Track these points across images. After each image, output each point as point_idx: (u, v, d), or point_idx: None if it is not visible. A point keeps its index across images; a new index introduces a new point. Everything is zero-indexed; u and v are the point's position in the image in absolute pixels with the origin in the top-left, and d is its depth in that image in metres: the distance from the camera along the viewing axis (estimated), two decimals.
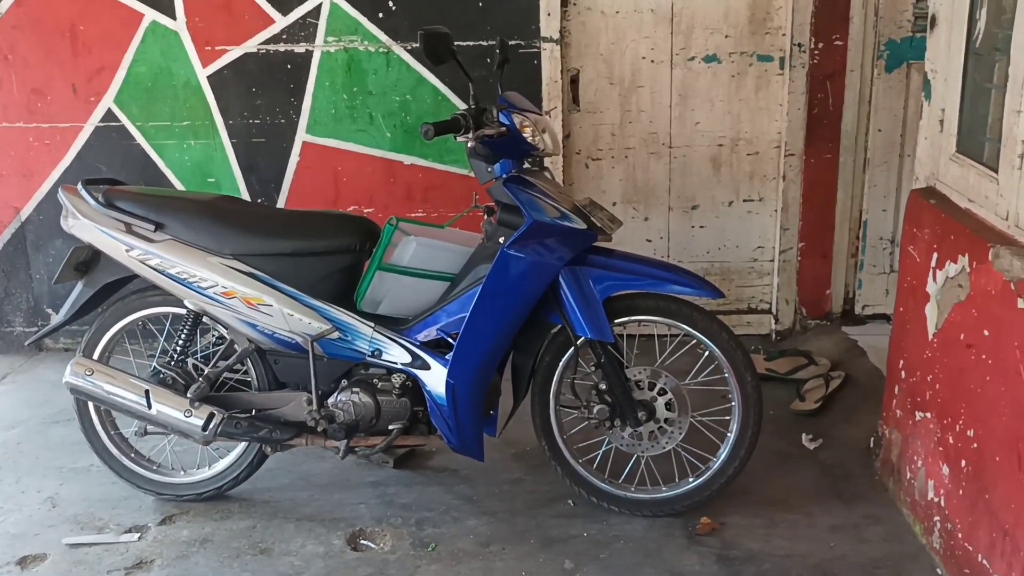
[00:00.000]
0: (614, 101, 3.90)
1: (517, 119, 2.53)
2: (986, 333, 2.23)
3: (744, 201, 3.99)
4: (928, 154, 2.76)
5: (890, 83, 3.80)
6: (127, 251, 2.70)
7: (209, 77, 3.88)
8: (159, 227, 2.70)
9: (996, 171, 2.30)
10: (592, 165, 3.99)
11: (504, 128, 2.50)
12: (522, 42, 3.78)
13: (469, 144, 2.52)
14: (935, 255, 2.55)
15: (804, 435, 3.20)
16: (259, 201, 3.99)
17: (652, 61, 3.85)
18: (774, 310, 4.06)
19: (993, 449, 2.20)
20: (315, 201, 3.98)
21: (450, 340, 2.63)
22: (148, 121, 3.94)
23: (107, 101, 3.92)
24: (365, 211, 3.98)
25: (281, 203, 4.02)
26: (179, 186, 4.00)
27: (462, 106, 3.78)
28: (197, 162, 3.98)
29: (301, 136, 3.94)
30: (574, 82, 3.87)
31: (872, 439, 3.04)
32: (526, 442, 3.13)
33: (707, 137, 3.92)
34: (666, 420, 2.71)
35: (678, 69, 3.85)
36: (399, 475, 3.06)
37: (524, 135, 2.54)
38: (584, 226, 2.56)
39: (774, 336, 4.07)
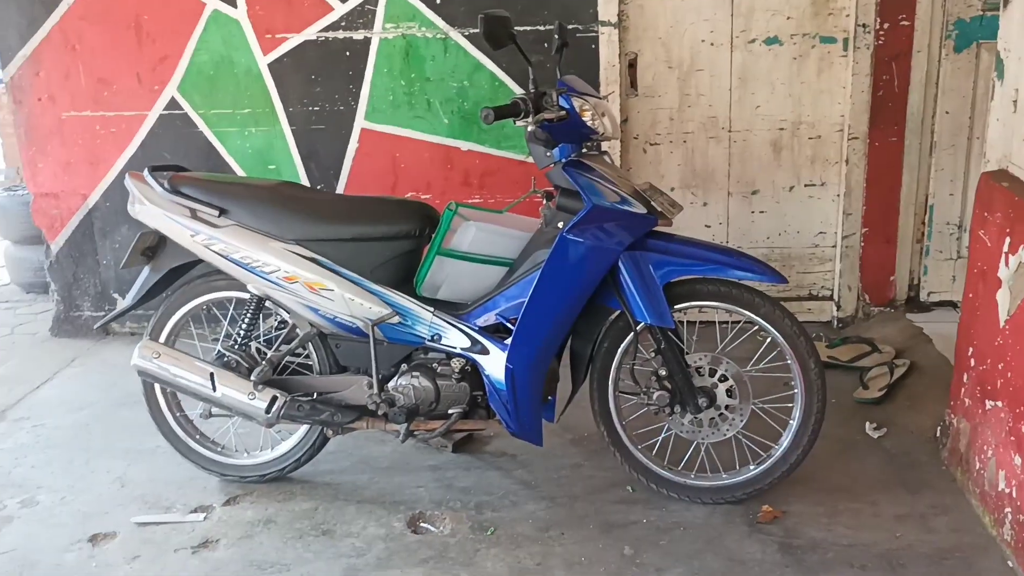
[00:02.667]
0: (673, 85, 3.86)
1: (577, 102, 2.51)
2: None
3: (805, 186, 3.92)
4: (1000, 136, 2.68)
5: (959, 64, 3.70)
6: (192, 236, 2.75)
7: (269, 65, 3.93)
8: (223, 212, 2.74)
9: None
10: (650, 150, 3.95)
11: (564, 112, 2.49)
12: (580, 26, 3.75)
13: (528, 128, 2.51)
14: (1007, 239, 2.48)
15: (868, 423, 3.14)
16: (319, 188, 4.04)
17: (711, 44, 3.80)
18: (836, 297, 3.99)
19: None
20: (373, 187, 4.01)
21: (509, 325, 2.63)
22: (210, 109, 4.01)
23: (171, 89, 3.99)
24: (423, 197, 4.00)
25: (340, 189, 4.06)
26: (240, 173, 4.07)
27: (519, 91, 3.76)
28: (258, 149, 4.04)
29: (360, 123, 3.97)
30: (632, 66, 3.84)
31: (939, 428, 2.98)
32: (584, 428, 3.13)
33: (767, 121, 3.86)
34: (727, 407, 2.68)
35: (738, 52, 3.80)
36: (458, 459, 3.08)
37: (584, 119, 2.52)
38: (644, 210, 2.53)
39: (836, 323, 4.00)
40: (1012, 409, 2.44)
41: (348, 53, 3.88)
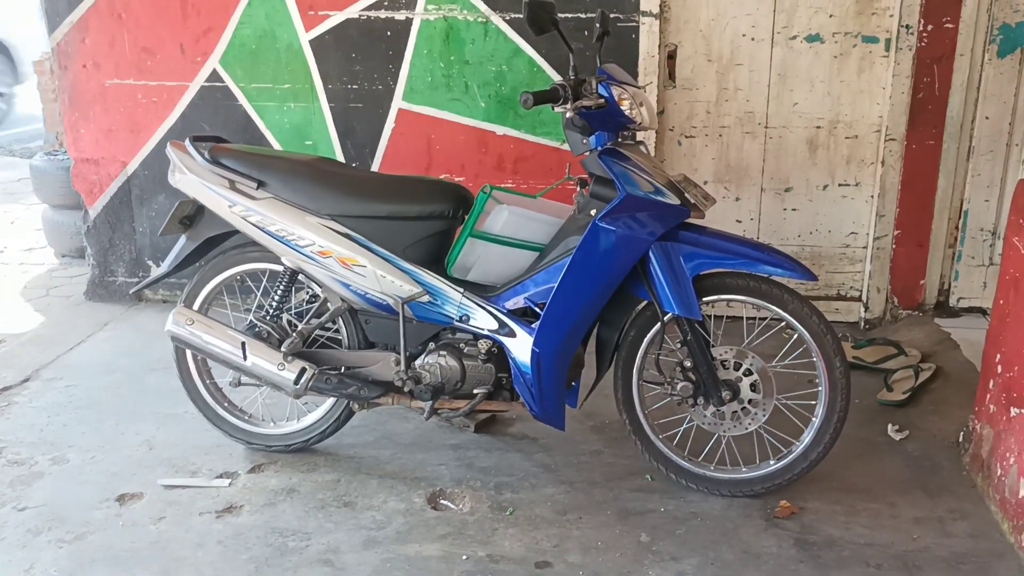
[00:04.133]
0: (711, 78, 3.86)
1: (616, 91, 2.52)
2: None
3: (840, 185, 3.91)
4: None
5: (1002, 69, 3.67)
6: (230, 207, 2.79)
7: (311, 41, 3.96)
8: (261, 185, 2.78)
9: None
10: (685, 142, 3.95)
11: (602, 100, 2.50)
12: (620, 15, 3.76)
13: (567, 115, 2.52)
14: None
15: (890, 425, 3.14)
16: (354, 165, 4.07)
17: (752, 39, 3.79)
18: (864, 298, 3.98)
19: None
20: (408, 167, 4.05)
21: (537, 309, 2.66)
22: (251, 83, 4.05)
23: (212, 62, 4.04)
24: (456, 180, 4.03)
25: (375, 168, 4.09)
26: (278, 147, 4.11)
27: (557, 78, 3.81)
28: (296, 124, 4.08)
29: (397, 103, 4.00)
30: (671, 57, 3.84)
31: (962, 433, 2.98)
32: (606, 415, 3.16)
33: (805, 118, 3.85)
34: (750, 401, 2.69)
35: (779, 48, 3.78)
36: (479, 440, 3.12)
37: (622, 107, 2.53)
38: (677, 201, 2.54)
39: (863, 324, 3.99)
40: None
41: (389, 33, 3.91)
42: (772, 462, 2.74)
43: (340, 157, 4.09)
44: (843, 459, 2.91)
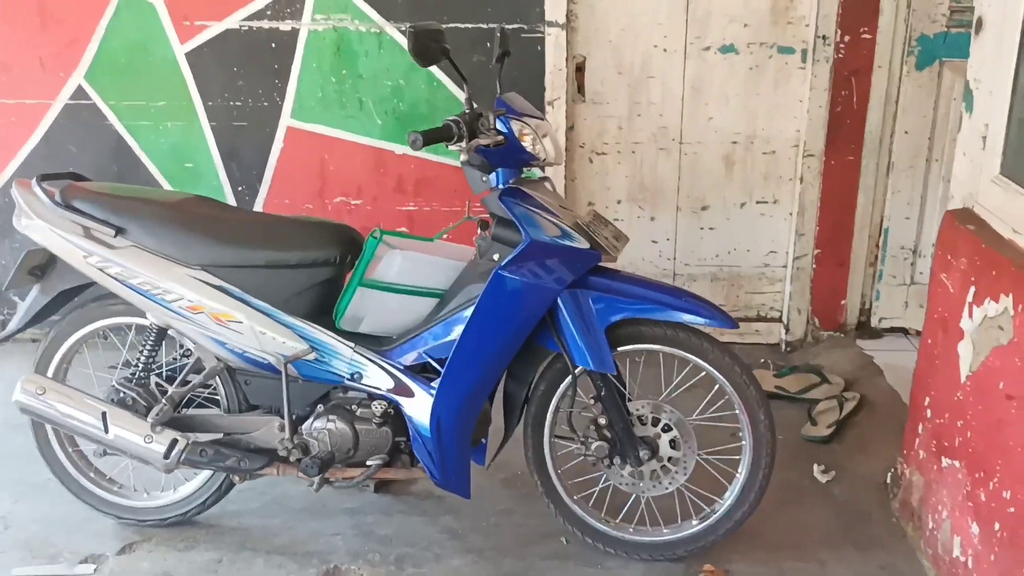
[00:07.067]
0: (622, 92, 3.63)
1: (516, 126, 2.27)
2: None
3: (758, 203, 3.73)
4: (967, 172, 2.51)
5: (920, 82, 3.53)
6: (85, 257, 2.45)
7: (187, 54, 3.61)
8: (120, 232, 2.44)
9: None
10: (596, 160, 3.72)
11: (501, 137, 2.25)
12: (525, 26, 3.50)
13: (462, 158, 2.26)
14: (972, 288, 2.31)
15: (816, 466, 2.98)
16: (239, 190, 3.74)
17: (664, 50, 3.57)
18: (785, 319, 3.83)
19: None
20: (299, 190, 3.73)
21: (436, 365, 2.40)
22: (122, 100, 3.67)
23: (77, 77, 3.65)
24: (353, 203, 3.74)
25: (264, 191, 3.76)
26: (154, 170, 3.75)
27: (459, 94, 3.53)
28: (174, 145, 3.72)
29: (286, 121, 3.68)
30: (579, 70, 3.60)
31: (889, 475, 2.83)
32: (517, 466, 2.90)
33: (720, 134, 3.66)
34: (670, 459, 2.48)
35: (692, 60, 3.58)
36: (379, 501, 2.85)
37: (523, 143, 2.28)
38: (587, 245, 2.31)
39: (784, 346, 3.84)
40: (971, 473, 2.28)
41: (274, 45, 3.58)
42: (695, 522, 2.54)
43: (224, 180, 3.75)
44: (769, 508, 2.70)
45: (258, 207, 3.78)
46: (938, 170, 3.60)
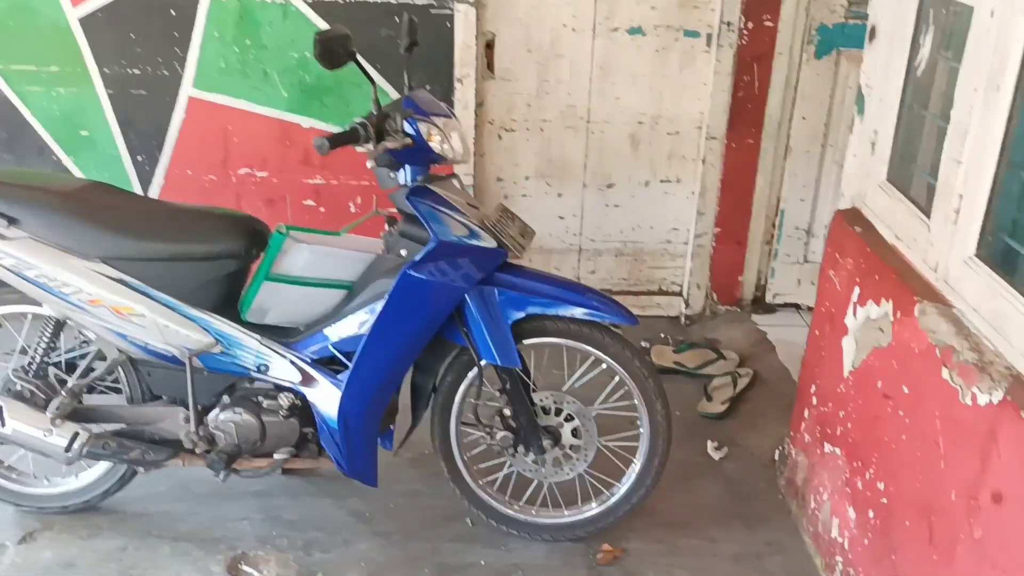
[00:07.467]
0: (531, 70, 3.64)
1: (423, 127, 2.28)
2: (906, 390, 2.14)
3: (661, 182, 3.82)
4: (857, 174, 2.63)
5: (818, 69, 3.65)
6: None
7: (81, 20, 3.45)
8: (13, 222, 2.36)
9: (928, 215, 2.18)
10: (505, 136, 3.74)
11: (409, 140, 2.25)
12: (434, 2, 3.46)
13: (369, 163, 2.25)
14: (857, 289, 2.44)
15: (709, 443, 3.13)
16: (139, 159, 3.64)
17: (573, 29, 3.59)
18: (685, 294, 3.96)
19: (904, 511, 2.13)
20: (202, 162, 3.65)
21: (342, 358, 2.42)
22: (9, 64, 3.51)
23: None
24: (258, 175, 3.68)
25: (164, 161, 3.66)
26: (47, 137, 3.60)
27: (367, 68, 3.48)
28: (67, 112, 3.58)
29: (187, 90, 3.57)
30: (489, 47, 3.59)
31: (777, 452, 2.99)
32: (423, 445, 2.94)
33: (627, 113, 3.71)
34: (571, 447, 2.58)
35: (600, 40, 3.60)
36: (287, 483, 2.87)
37: (431, 144, 2.29)
38: (494, 244, 2.35)
39: (683, 320, 3.97)
40: (850, 461, 2.44)
41: (173, 12, 3.45)
42: (594, 505, 2.65)
43: (122, 148, 3.64)
44: (664, 485, 2.82)
45: (159, 177, 3.68)
46: (832, 155, 3.75)
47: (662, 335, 3.79)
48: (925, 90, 2.34)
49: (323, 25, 3.47)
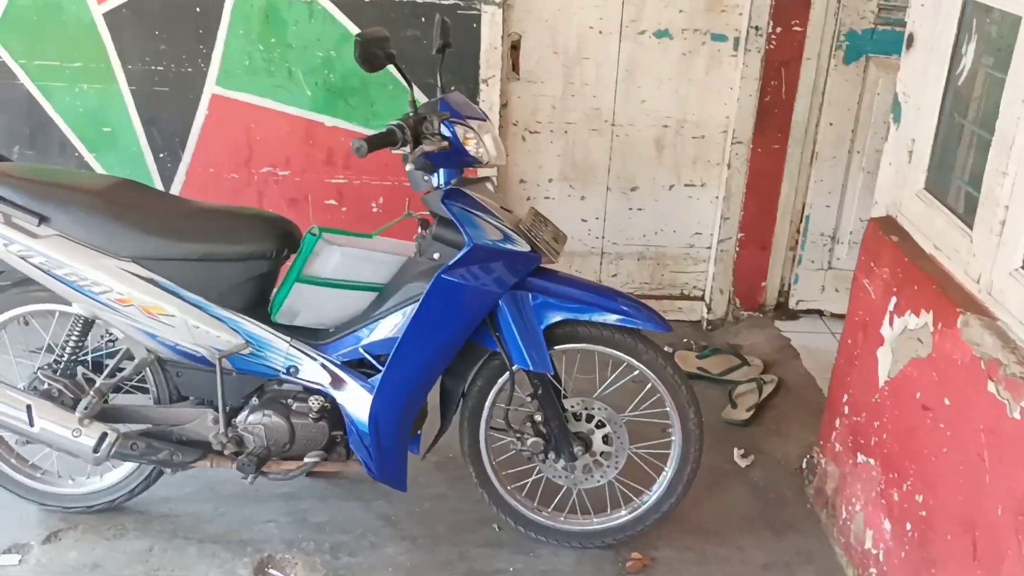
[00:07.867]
0: (557, 72, 3.62)
1: (460, 130, 2.26)
2: (947, 402, 2.12)
3: (685, 186, 3.80)
4: (892, 182, 2.60)
5: (847, 75, 3.62)
6: (5, 245, 2.35)
7: (105, 15, 3.43)
8: (44, 220, 2.35)
9: (970, 226, 2.16)
10: (529, 138, 3.72)
11: (446, 143, 2.23)
12: (461, 3, 3.44)
13: (408, 166, 2.23)
14: (894, 299, 2.42)
15: (736, 450, 3.11)
16: (161, 156, 3.62)
17: (600, 32, 3.56)
18: (707, 299, 3.93)
19: (944, 525, 2.11)
20: (224, 160, 3.63)
21: (373, 361, 2.40)
22: (33, 59, 3.48)
23: None
24: (280, 173, 3.66)
25: (187, 159, 3.64)
26: (69, 133, 3.58)
27: (391, 69, 3.46)
28: (91, 109, 3.56)
29: (211, 88, 3.55)
30: (515, 48, 3.57)
31: (805, 461, 2.97)
32: (450, 448, 2.94)
33: (652, 117, 3.69)
34: (602, 454, 2.56)
35: (627, 42, 3.58)
36: (313, 486, 2.85)
37: (467, 148, 2.27)
38: (528, 248, 2.33)
39: (705, 325, 3.95)
40: (885, 472, 2.42)
41: (198, 9, 3.43)
42: (624, 512, 2.63)
43: (145, 145, 3.61)
44: (692, 493, 2.80)
45: (181, 175, 3.66)
46: (859, 161, 3.73)
47: (685, 340, 3.77)
48: (966, 99, 2.32)
49: (350, 25, 3.46)
